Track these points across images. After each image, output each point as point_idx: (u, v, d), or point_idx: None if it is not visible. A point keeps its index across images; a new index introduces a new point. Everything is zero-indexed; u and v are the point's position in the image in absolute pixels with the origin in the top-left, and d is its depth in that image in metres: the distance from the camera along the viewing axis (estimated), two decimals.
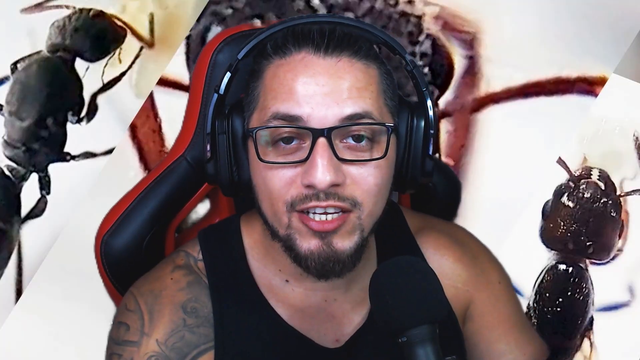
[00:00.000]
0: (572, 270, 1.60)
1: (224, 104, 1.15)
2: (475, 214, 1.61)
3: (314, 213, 1.09)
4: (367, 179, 1.10)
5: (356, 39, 1.11)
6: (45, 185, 1.59)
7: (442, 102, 1.64)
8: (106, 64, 1.59)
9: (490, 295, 1.30)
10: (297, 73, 1.09)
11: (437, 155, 1.42)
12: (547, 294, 1.61)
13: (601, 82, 1.64)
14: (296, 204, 1.09)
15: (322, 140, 1.07)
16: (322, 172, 1.06)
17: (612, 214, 1.57)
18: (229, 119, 1.13)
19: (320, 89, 1.08)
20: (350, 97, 1.08)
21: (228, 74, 1.14)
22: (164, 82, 1.62)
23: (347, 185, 1.08)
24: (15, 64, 1.56)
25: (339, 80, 1.08)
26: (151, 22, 1.61)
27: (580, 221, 1.57)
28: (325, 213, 1.08)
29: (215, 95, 1.14)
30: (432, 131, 1.15)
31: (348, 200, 1.09)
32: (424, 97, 1.15)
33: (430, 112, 1.15)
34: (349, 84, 1.09)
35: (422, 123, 1.15)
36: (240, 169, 1.14)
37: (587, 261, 1.61)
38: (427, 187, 1.42)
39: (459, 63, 1.66)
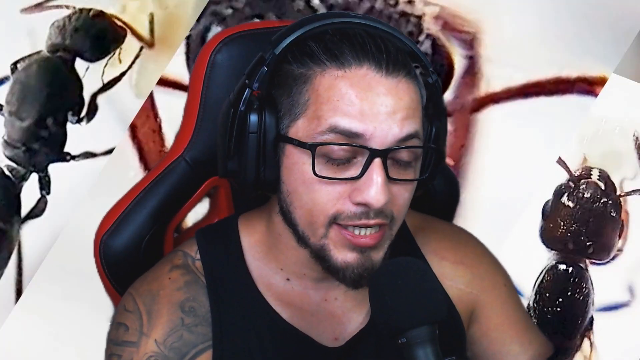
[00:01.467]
0: (572, 270, 1.60)
1: (252, 100, 1.11)
2: (475, 214, 1.61)
3: (355, 227, 1.09)
4: (403, 196, 1.11)
5: (405, 58, 1.11)
6: (45, 185, 1.59)
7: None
8: (106, 64, 1.59)
9: (497, 298, 1.30)
10: (362, 90, 1.07)
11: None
12: (547, 294, 1.61)
13: (601, 82, 1.64)
14: (341, 218, 1.09)
15: (378, 160, 1.07)
16: (379, 193, 1.06)
17: (612, 214, 1.57)
18: (262, 117, 1.11)
19: (384, 108, 1.07)
20: (407, 118, 1.08)
21: (263, 69, 1.11)
22: (164, 82, 1.63)
23: (389, 202, 1.09)
24: (15, 64, 1.57)
25: (400, 101, 1.08)
26: (151, 22, 1.61)
27: (580, 221, 1.57)
28: (367, 227, 1.09)
29: (248, 91, 1.11)
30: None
31: (388, 217, 1.10)
32: (443, 114, 1.16)
33: (445, 130, 1.17)
34: (407, 104, 1.08)
35: (439, 139, 1.16)
36: (267, 168, 1.13)
37: (587, 261, 1.61)
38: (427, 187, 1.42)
39: (459, 63, 1.66)
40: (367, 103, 1.07)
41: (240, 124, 1.11)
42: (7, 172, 1.57)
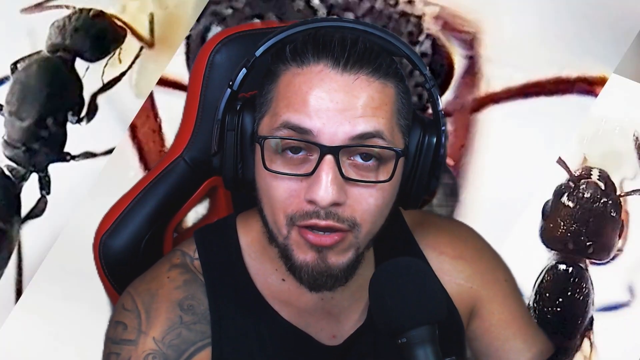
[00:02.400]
0: (572, 270, 1.60)
1: (236, 99, 1.14)
2: (475, 214, 1.61)
3: (310, 227, 1.09)
4: (367, 200, 1.09)
5: (377, 55, 1.10)
6: (45, 185, 1.59)
7: (442, 102, 1.64)
8: (106, 64, 1.59)
9: (499, 293, 1.30)
10: (312, 86, 1.08)
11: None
12: (547, 294, 1.61)
13: (601, 82, 1.64)
14: (296, 219, 1.09)
15: (329, 157, 1.06)
16: (325, 190, 1.06)
17: (612, 214, 1.57)
18: (240, 115, 1.13)
19: (334, 105, 1.07)
20: (362, 116, 1.07)
21: (244, 70, 1.13)
22: (164, 82, 1.63)
23: (348, 205, 1.08)
24: (15, 64, 1.57)
25: (354, 98, 1.07)
26: (151, 22, 1.61)
27: (580, 221, 1.57)
28: (318, 229, 1.09)
29: (229, 91, 1.13)
30: (442, 152, 1.15)
31: (347, 222, 1.09)
32: (438, 117, 1.15)
33: (442, 134, 1.15)
34: (364, 102, 1.08)
35: (434, 143, 1.14)
36: (245, 166, 1.14)
37: (587, 261, 1.61)
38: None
39: (459, 63, 1.66)
40: (317, 99, 1.07)
41: (222, 122, 1.13)
42: (7, 172, 1.57)
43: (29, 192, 1.59)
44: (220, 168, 1.15)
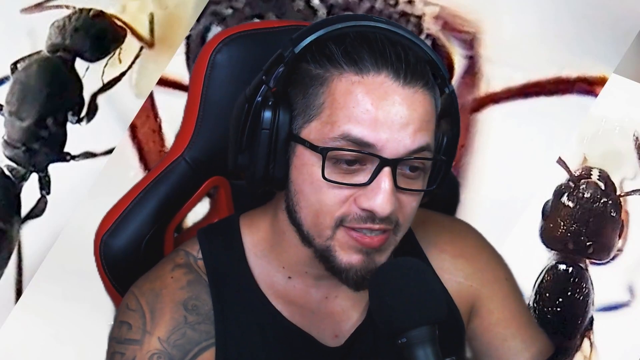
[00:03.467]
0: (572, 270, 1.60)
1: (268, 96, 1.11)
2: (475, 214, 1.61)
3: (360, 229, 1.09)
4: (411, 204, 1.11)
5: (424, 66, 1.10)
6: (45, 185, 1.59)
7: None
8: (106, 64, 1.59)
9: (499, 292, 1.30)
10: (377, 98, 1.06)
11: None
12: (547, 294, 1.61)
13: (601, 82, 1.64)
14: (347, 221, 1.09)
15: (387, 169, 1.07)
16: (385, 202, 1.06)
17: (612, 214, 1.57)
18: (277, 114, 1.11)
19: (399, 119, 1.06)
20: (420, 130, 1.08)
21: (282, 67, 1.10)
22: (164, 82, 1.63)
23: (396, 209, 1.09)
24: (15, 64, 1.57)
25: (414, 112, 1.07)
26: (151, 22, 1.61)
27: (580, 221, 1.57)
28: (371, 230, 1.09)
29: (265, 87, 1.10)
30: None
31: (393, 223, 1.10)
32: (456, 125, 1.15)
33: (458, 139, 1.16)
34: (421, 116, 1.08)
35: (450, 148, 1.15)
36: (276, 165, 1.13)
37: (587, 261, 1.61)
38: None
39: (459, 63, 1.66)
40: (381, 112, 1.06)
41: (254, 120, 1.11)
42: (7, 172, 1.57)
43: (29, 192, 1.59)
44: (249, 166, 1.13)
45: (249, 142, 1.11)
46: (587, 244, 1.58)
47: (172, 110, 1.56)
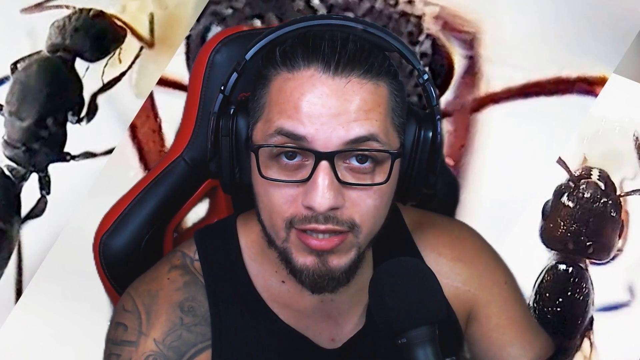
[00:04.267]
0: (572, 270, 1.60)
1: (229, 103, 1.14)
2: (475, 214, 1.61)
3: (309, 231, 1.09)
4: (366, 202, 1.09)
5: (368, 55, 1.09)
6: (45, 185, 1.59)
7: (442, 102, 1.64)
8: (106, 64, 1.59)
9: (497, 297, 1.29)
10: (304, 91, 1.07)
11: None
12: (547, 294, 1.61)
13: (601, 82, 1.63)
14: (295, 222, 1.09)
15: (324, 163, 1.06)
16: (321, 197, 1.05)
17: (612, 214, 1.57)
18: (234, 120, 1.12)
19: (327, 110, 1.06)
20: (356, 120, 1.06)
21: (235, 74, 1.13)
22: (164, 82, 1.62)
23: (346, 207, 1.08)
24: (15, 64, 1.57)
25: (346, 102, 1.06)
26: (151, 22, 1.61)
27: (580, 221, 1.57)
28: (317, 232, 1.08)
29: (221, 96, 1.13)
30: (438, 145, 1.14)
31: (346, 224, 1.09)
32: (433, 111, 1.14)
33: (439, 128, 1.14)
34: (356, 106, 1.07)
35: (430, 138, 1.13)
36: (242, 171, 1.13)
37: (587, 261, 1.61)
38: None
39: (459, 63, 1.66)
40: (309, 105, 1.06)
41: (216, 127, 1.12)
42: (7, 172, 1.57)
43: (29, 192, 1.59)
44: (217, 173, 1.15)
45: (215, 150, 1.13)
46: (587, 244, 1.58)
47: (172, 110, 1.56)
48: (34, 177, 1.58)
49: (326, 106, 1.06)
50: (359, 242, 1.11)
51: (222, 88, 1.13)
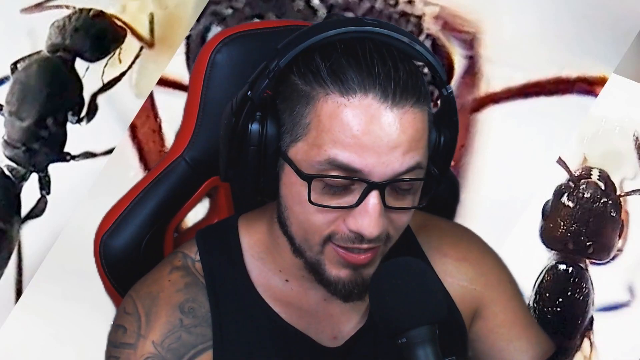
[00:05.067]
0: (572, 270, 1.60)
1: (255, 110, 1.08)
2: (475, 214, 1.61)
3: (350, 249, 1.09)
4: (402, 219, 1.09)
5: (416, 79, 1.06)
6: (45, 185, 1.59)
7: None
8: (106, 64, 1.59)
9: (502, 295, 1.29)
10: (364, 122, 1.03)
11: None
12: (547, 294, 1.61)
13: (601, 82, 1.64)
14: (335, 239, 1.08)
15: (375, 192, 1.04)
16: (373, 225, 1.05)
17: (612, 214, 1.58)
18: (264, 128, 1.08)
19: (386, 143, 1.03)
20: (409, 151, 1.05)
21: (267, 82, 1.07)
22: (164, 82, 1.63)
23: (385, 227, 1.08)
24: (15, 64, 1.57)
25: (402, 134, 1.04)
26: (151, 22, 1.61)
27: (580, 221, 1.57)
28: (359, 250, 1.08)
29: (250, 103, 1.07)
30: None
31: (382, 240, 1.09)
32: (454, 127, 1.12)
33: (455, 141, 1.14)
34: (411, 137, 1.05)
35: (448, 150, 1.13)
36: (266, 179, 1.11)
37: (587, 261, 1.61)
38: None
39: (459, 63, 1.66)
40: (368, 137, 1.03)
41: (240, 135, 1.08)
42: (7, 172, 1.57)
43: (29, 192, 1.59)
44: (240, 181, 1.11)
45: (237, 157, 1.09)
46: (587, 244, 1.58)
47: (172, 110, 1.56)
48: (34, 177, 1.58)
49: (385, 139, 1.03)
50: (385, 251, 1.12)
51: (249, 93, 1.08)
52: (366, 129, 1.03)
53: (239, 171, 1.11)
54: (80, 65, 1.58)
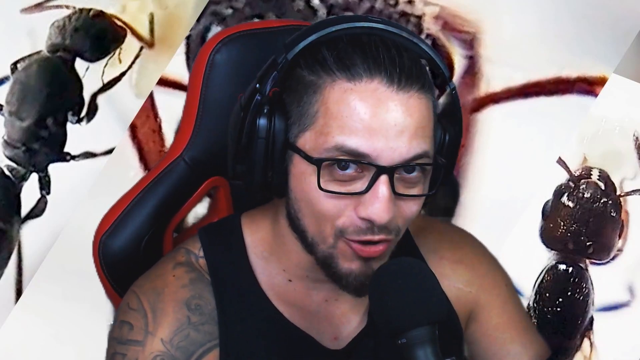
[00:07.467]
0: (572, 270, 1.60)
1: (263, 104, 1.09)
2: (475, 214, 1.61)
3: (362, 242, 1.09)
4: (411, 209, 1.09)
5: (420, 68, 1.07)
6: (45, 185, 1.59)
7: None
8: (106, 64, 1.60)
9: (498, 298, 1.29)
10: (370, 106, 1.04)
11: None
12: (547, 294, 1.61)
13: (601, 82, 1.64)
14: (347, 233, 1.08)
15: (384, 177, 1.05)
16: (383, 210, 1.05)
17: (612, 214, 1.58)
18: (272, 122, 1.08)
19: (393, 127, 1.04)
20: (416, 137, 1.05)
21: (275, 74, 1.08)
22: (164, 82, 1.63)
23: (395, 216, 1.08)
24: (15, 64, 1.57)
25: (409, 118, 1.04)
26: (151, 22, 1.62)
27: (580, 221, 1.57)
28: (371, 243, 1.08)
29: (259, 96, 1.08)
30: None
31: (394, 231, 1.09)
32: (458, 123, 1.13)
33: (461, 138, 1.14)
34: (417, 122, 1.05)
35: (452, 147, 1.13)
36: (275, 173, 1.11)
37: (587, 261, 1.61)
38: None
39: (459, 63, 1.66)
40: (375, 120, 1.04)
41: (249, 129, 1.09)
42: (7, 172, 1.57)
43: (29, 192, 1.59)
44: (247, 176, 1.12)
45: (246, 151, 1.10)
46: (587, 244, 1.58)
47: (172, 110, 1.56)
48: (34, 177, 1.58)
49: (392, 122, 1.04)
50: (395, 243, 1.11)
51: (258, 86, 1.09)
52: (373, 112, 1.04)
53: (248, 167, 1.11)
54: (80, 65, 1.58)
